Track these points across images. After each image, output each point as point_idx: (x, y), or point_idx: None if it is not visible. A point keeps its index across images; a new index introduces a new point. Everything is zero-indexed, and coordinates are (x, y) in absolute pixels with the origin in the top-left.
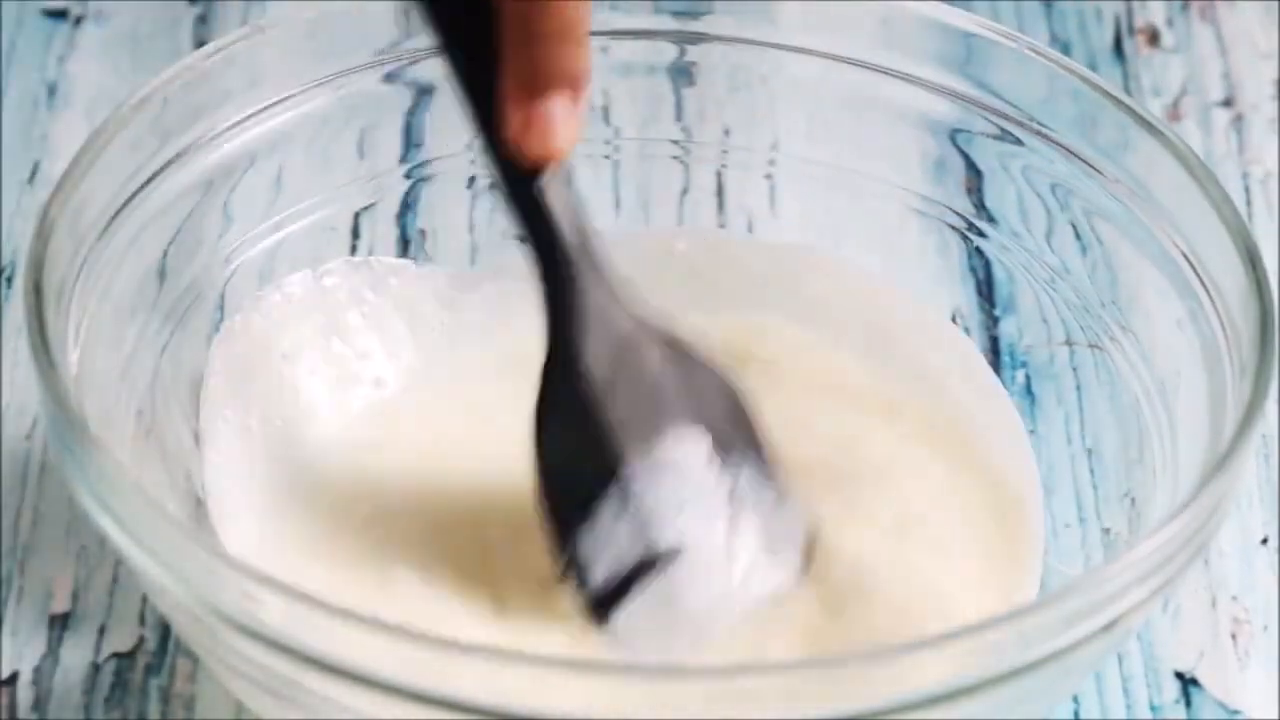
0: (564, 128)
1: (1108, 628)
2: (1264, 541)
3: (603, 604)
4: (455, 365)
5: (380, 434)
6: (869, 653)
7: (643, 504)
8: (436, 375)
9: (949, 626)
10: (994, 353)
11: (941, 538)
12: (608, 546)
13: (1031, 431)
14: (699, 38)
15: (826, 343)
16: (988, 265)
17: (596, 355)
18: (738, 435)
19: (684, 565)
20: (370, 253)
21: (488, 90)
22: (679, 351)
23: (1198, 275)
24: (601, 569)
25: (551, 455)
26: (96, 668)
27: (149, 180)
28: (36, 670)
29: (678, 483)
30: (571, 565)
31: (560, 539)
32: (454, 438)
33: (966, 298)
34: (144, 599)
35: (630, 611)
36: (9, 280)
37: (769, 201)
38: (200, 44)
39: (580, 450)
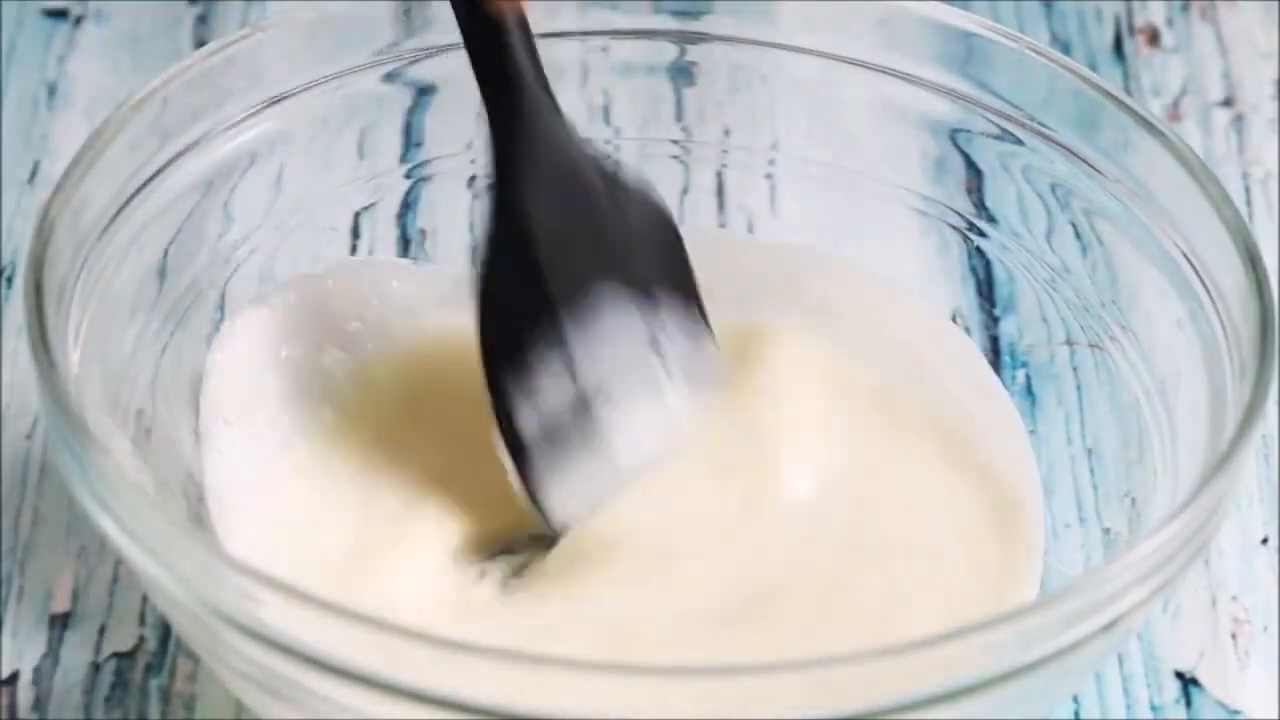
0: None
1: (1108, 628)
2: (1264, 541)
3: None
4: (455, 365)
5: (381, 434)
6: (869, 653)
7: (575, 350)
8: (436, 375)
9: (947, 627)
10: (994, 353)
11: (941, 537)
12: (541, 392)
13: (1031, 431)
14: (699, 37)
15: (827, 343)
16: (988, 265)
17: (539, 190)
18: (668, 273)
19: (612, 412)
20: (370, 253)
21: None
22: (618, 187)
23: (1198, 275)
24: (534, 413)
25: (490, 290)
26: (97, 667)
27: (149, 180)
28: (36, 670)
29: (610, 328)
30: (507, 413)
31: (496, 381)
32: (456, 436)
33: (966, 298)
34: (144, 599)
35: (560, 467)
36: (9, 280)
37: (769, 201)
38: (200, 44)
39: (518, 287)
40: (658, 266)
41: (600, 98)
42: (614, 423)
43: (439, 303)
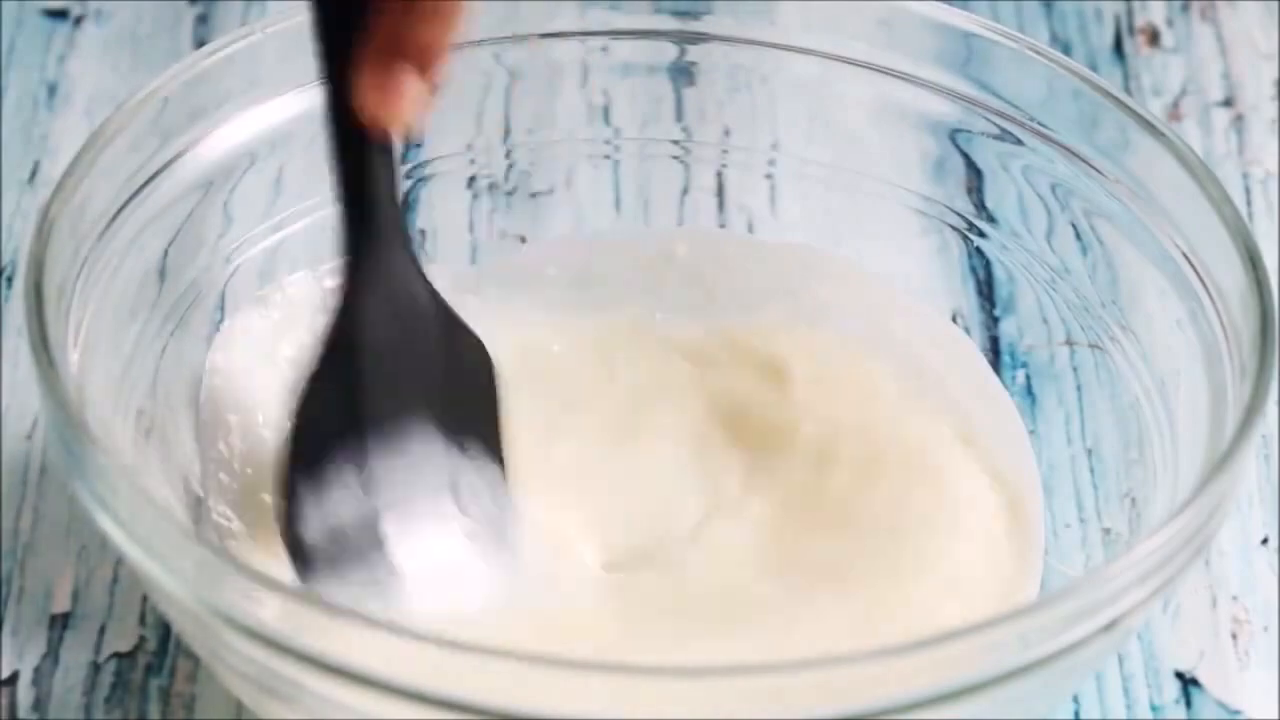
0: (410, 100)
1: (1108, 628)
2: (1264, 541)
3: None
4: None
5: None
6: (869, 653)
7: (373, 468)
8: None
9: (948, 627)
10: (994, 353)
11: (940, 537)
12: (332, 500)
13: (1031, 431)
14: (699, 37)
15: (829, 342)
16: (988, 265)
17: (378, 314)
18: (482, 425)
19: (399, 535)
20: None
21: (345, 48)
22: (454, 331)
23: (1198, 275)
24: (320, 518)
25: (306, 408)
26: (97, 668)
27: (149, 180)
28: (36, 670)
29: (412, 457)
30: (293, 519)
31: (290, 482)
32: None
33: (966, 298)
34: (144, 599)
35: (338, 573)
36: (9, 280)
37: (769, 201)
38: (200, 44)
39: (333, 408)
40: (473, 416)
41: (600, 98)
42: (400, 546)
43: None
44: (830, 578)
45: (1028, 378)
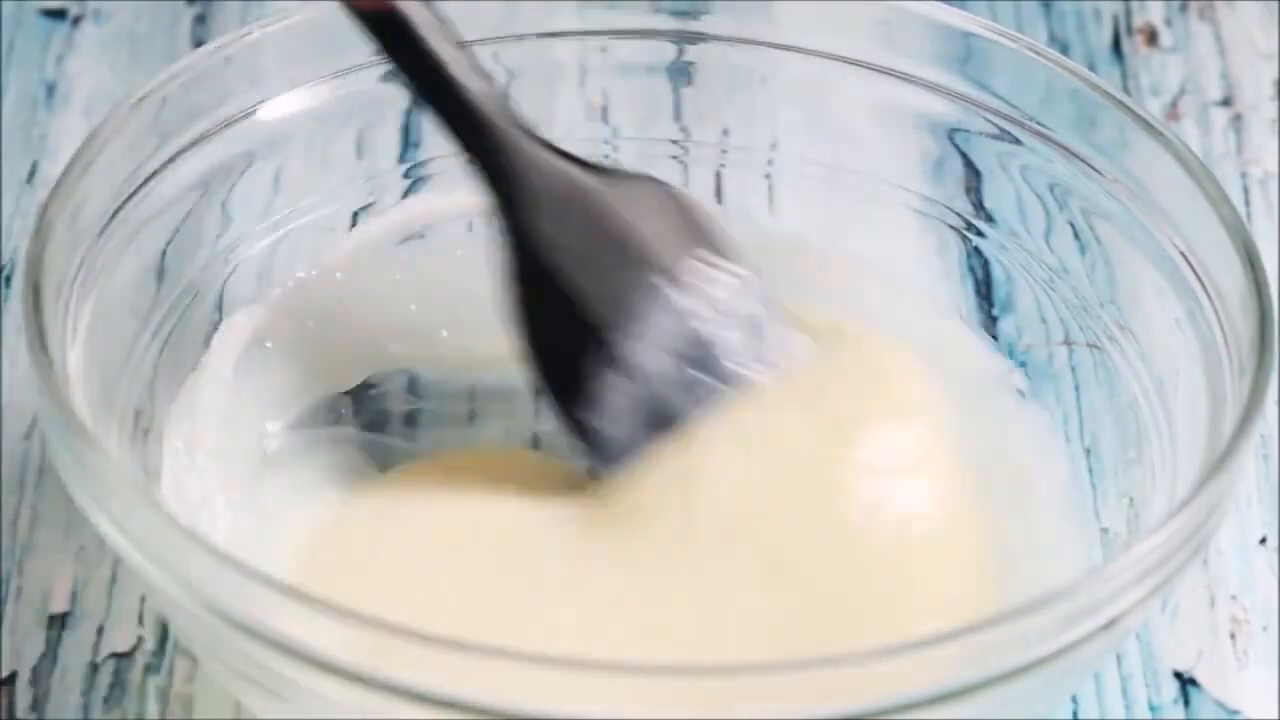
0: None
1: (1107, 627)
2: (1263, 541)
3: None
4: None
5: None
6: (869, 653)
7: (634, 370)
8: None
9: (946, 626)
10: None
11: (939, 536)
12: (614, 421)
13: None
14: (698, 37)
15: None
16: (986, 265)
17: (550, 228)
18: (700, 247)
19: (679, 417)
20: None
21: None
22: (618, 183)
23: (1196, 275)
24: (611, 440)
25: (534, 333)
26: (95, 668)
27: (147, 180)
28: (35, 670)
29: (665, 326)
30: (582, 441)
31: (566, 420)
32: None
33: (965, 297)
34: (142, 599)
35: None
36: (8, 280)
37: (768, 201)
38: (199, 44)
39: (562, 323)
40: (689, 246)
41: (599, 98)
42: (681, 412)
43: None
44: (831, 578)
45: (1026, 377)
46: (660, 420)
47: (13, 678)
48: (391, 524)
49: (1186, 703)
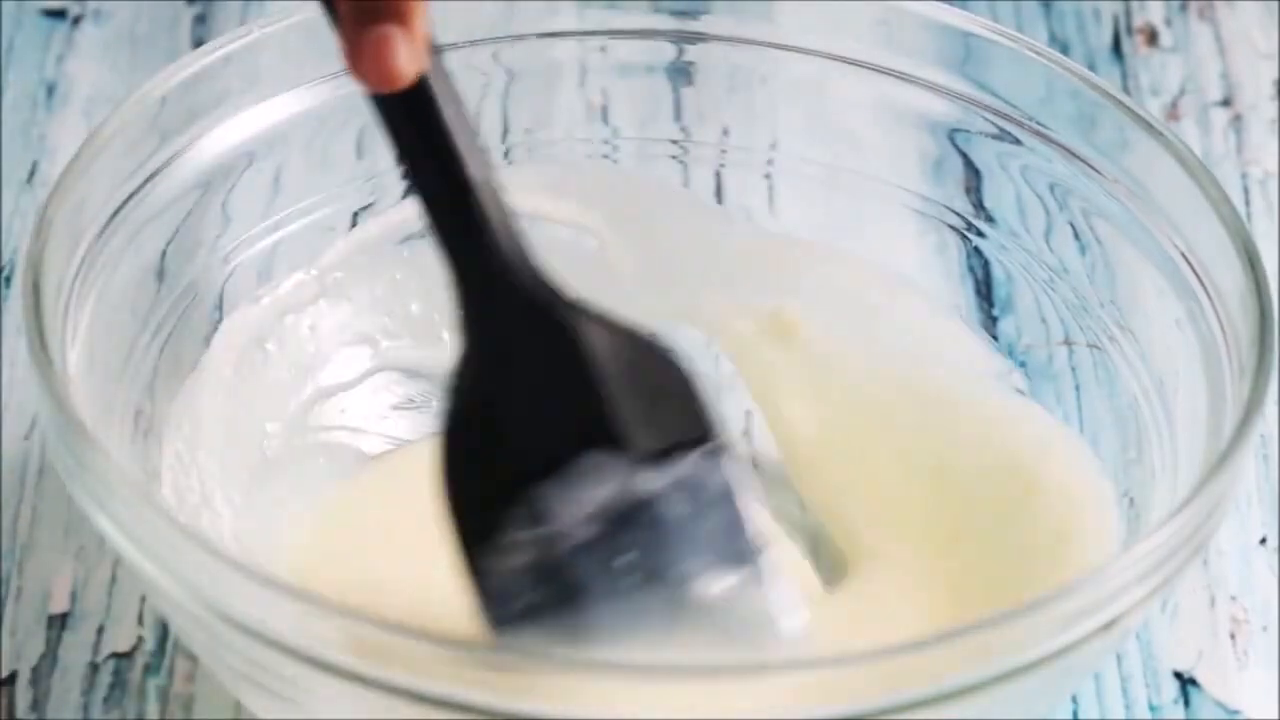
0: (402, 57)
1: (1107, 627)
2: (1263, 541)
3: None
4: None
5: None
6: (869, 653)
7: (559, 522)
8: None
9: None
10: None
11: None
12: (515, 566)
13: None
14: (697, 37)
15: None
16: (986, 265)
17: (502, 353)
18: (683, 417)
19: (593, 582)
20: None
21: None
22: (607, 331)
23: (1196, 275)
24: (506, 585)
25: (457, 460)
26: (95, 668)
27: (147, 180)
28: (35, 670)
29: (594, 496)
30: (477, 575)
31: (466, 548)
32: None
33: (965, 297)
34: (143, 599)
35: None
36: (8, 280)
37: (768, 201)
38: (199, 44)
39: (487, 462)
40: (665, 419)
41: (599, 98)
42: (594, 593)
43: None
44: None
45: (1026, 377)
46: (570, 595)
47: (13, 677)
48: (387, 511)
49: (1186, 703)
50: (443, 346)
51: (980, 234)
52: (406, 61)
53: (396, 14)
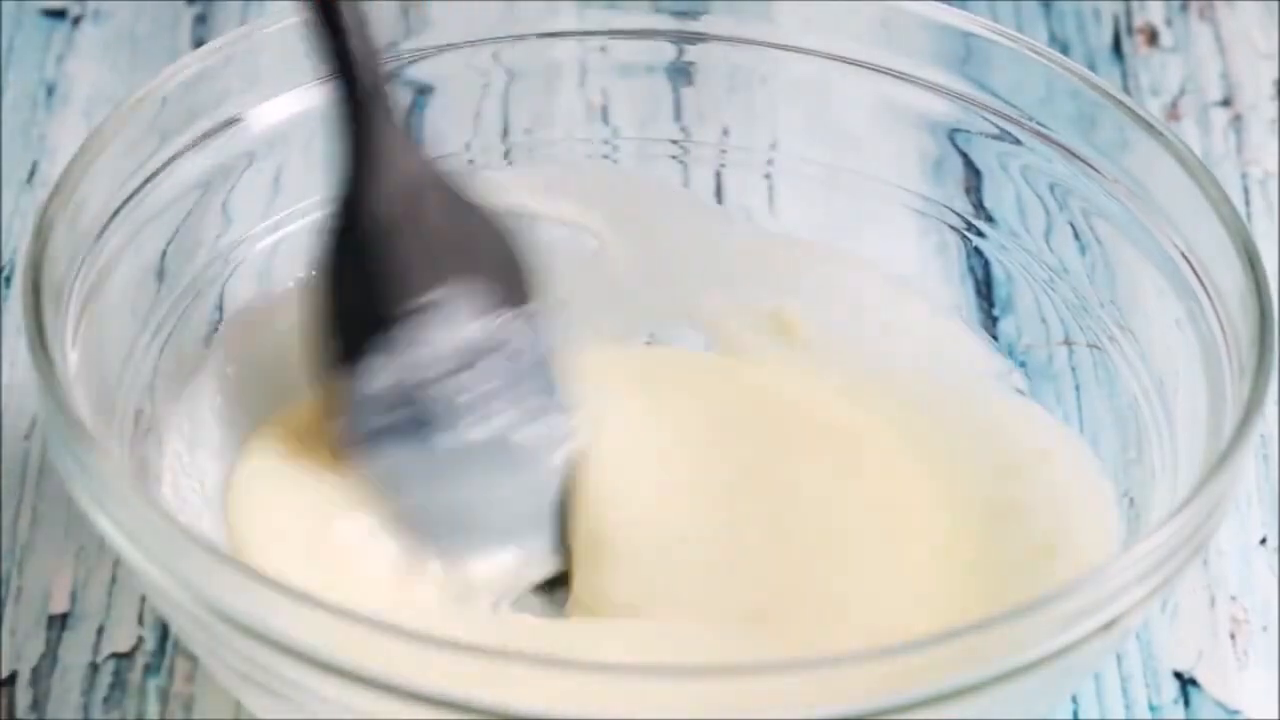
0: None
1: (1107, 627)
2: (1263, 541)
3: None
4: None
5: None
6: (869, 653)
7: (412, 357)
8: None
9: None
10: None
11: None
12: (375, 395)
13: None
14: (698, 37)
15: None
16: (986, 265)
17: (385, 197)
18: (514, 289)
19: (443, 417)
20: None
21: None
22: (462, 200)
23: (1197, 275)
24: (367, 412)
25: (329, 295)
26: (95, 668)
27: (147, 180)
28: (35, 670)
29: (449, 335)
30: (337, 400)
31: (330, 373)
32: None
33: (965, 297)
34: (143, 599)
35: (388, 456)
36: (8, 280)
37: (767, 201)
38: (199, 44)
39: (359, 292)
40: (505, 282)
41: (599, 98)
42: (441, 418)
43: None
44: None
45: (1026, 377)
46: (412, 423)
47: (13, 678)
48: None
49: (1186, 703)
50: None
51: (980, 234)
52: None
53: None
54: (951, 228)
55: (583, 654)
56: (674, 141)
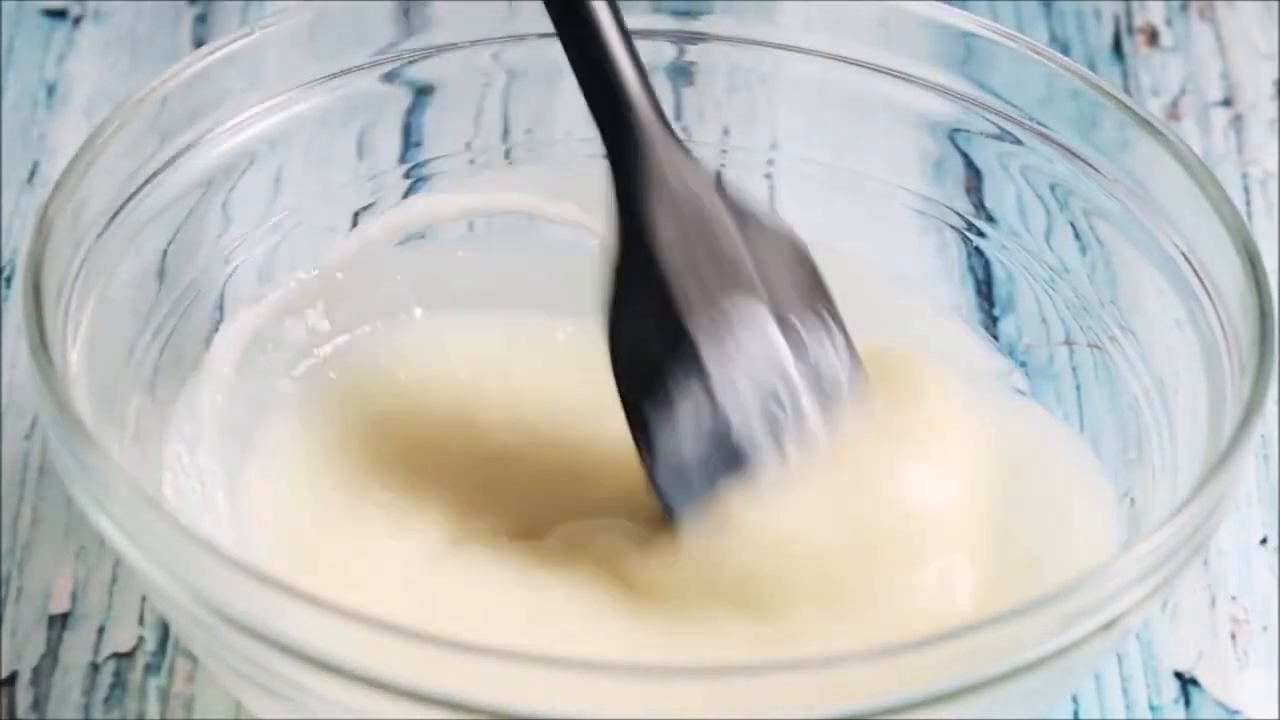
0: None
1: (1107, 627)
2: (1263, 541)
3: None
4: (452, 360)
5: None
6: (869, 653)
7: (716, 384)
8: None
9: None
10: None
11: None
12: (684, 436)
13: None
14: (698, 37)
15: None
16: (987, 265)
17: (667, 226)
18: (810, 304)
19: (749, 445)
20: None
21: None
22: (747, 218)
23: (1197, 275)
24: (671, 434)
25: (625, 335)
26: (95, 668)
27: (148, 180)
28: (35, 670)
29: (750, 360)
30: (650, 453)
31: (638, 427)
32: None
33: (965, 297)
34: (143, 599)
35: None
36: (8, 280)
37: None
38: (200, 44)
39: (653, 329)
40: (794, 291)
41: None
42: (750, 441)
43: None
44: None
45: (1027, 377)
46: (729, 456)
47: (13, 678)
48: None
49: (1187, 703)
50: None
51: (981, 234)
52: None
53: None
54: (952, 228)
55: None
56: None
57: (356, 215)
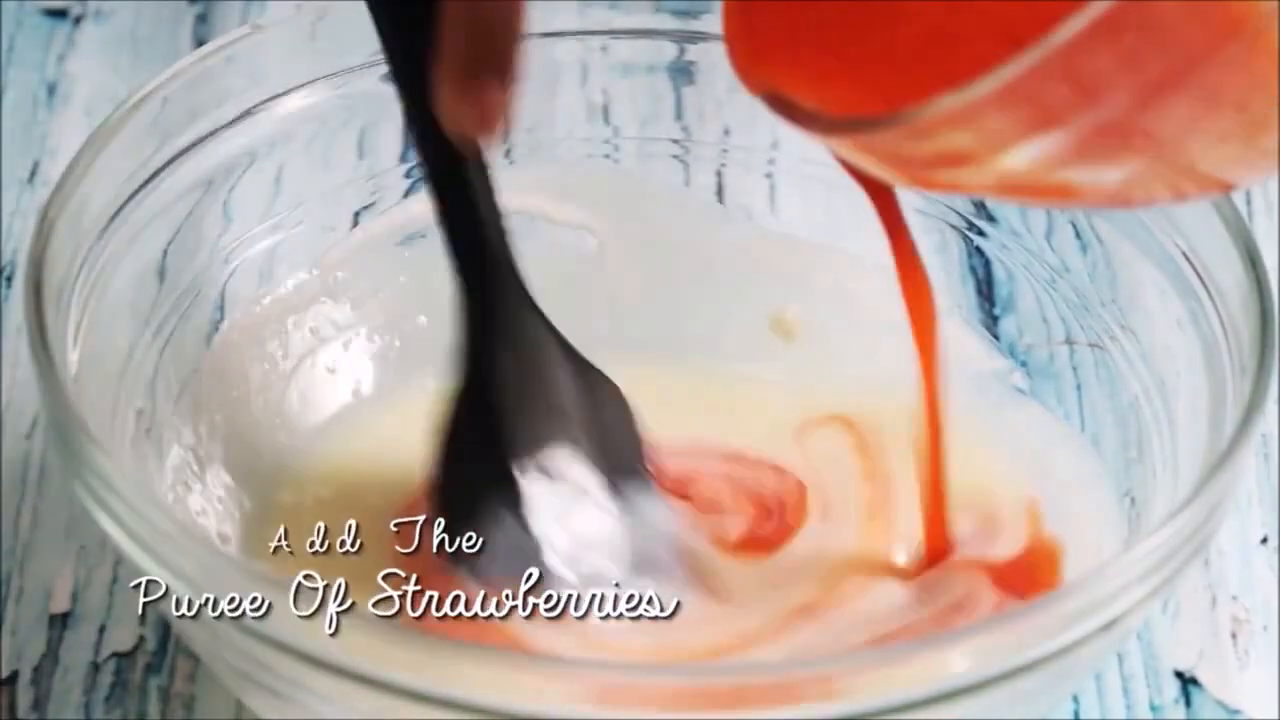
0: (498, 110)
1: (1107, 627)
2: (1264, 541)
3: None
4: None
5: (382, 433)
6: (869, 653)
7: (530, 518)
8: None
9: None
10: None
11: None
12: (495, 553)
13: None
14: (699, 37)
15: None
16: (988, 264)
17: (505, 366)
18: (627, 454)
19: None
20: None
21: (424, 79)
22: (578, 364)
23: (1198, 275)
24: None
25: (449, 461)
26: (96, 667)
27: (149, 180)
28: (36, 670)
29: (566, 498)
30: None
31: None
32: None
33: (966, 297)
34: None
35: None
36: (9, 280)
37: (768, 200)
38: (200, 44)
39: (478, 458)
40: (618, 457)
41: (600, 97)
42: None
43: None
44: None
45: (1027, 376)
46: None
47: (14, 677)
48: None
49: (1188, 703)
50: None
51: (981, 233)
52: (501, 118)
53: (499, 63)
54: (952, 227)
55: None
56: (675, 141)
57: (356, 215)
